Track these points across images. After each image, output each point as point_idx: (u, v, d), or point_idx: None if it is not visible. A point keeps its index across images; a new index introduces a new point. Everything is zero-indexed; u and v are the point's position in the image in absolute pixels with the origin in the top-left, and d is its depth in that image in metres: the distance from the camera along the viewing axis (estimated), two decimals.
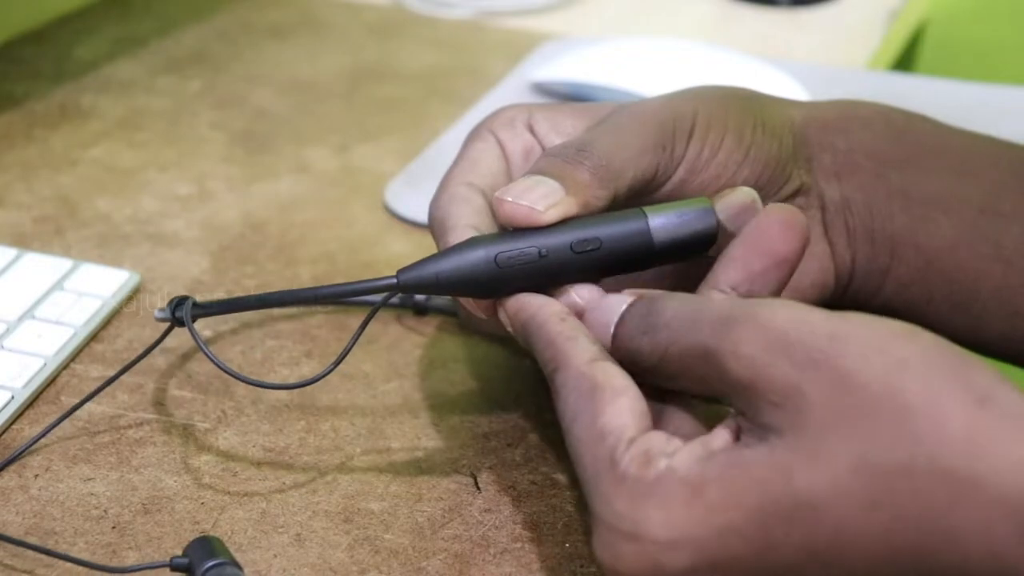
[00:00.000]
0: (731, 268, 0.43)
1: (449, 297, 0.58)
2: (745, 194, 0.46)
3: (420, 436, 0.51)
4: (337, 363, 0.46)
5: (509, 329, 0.44)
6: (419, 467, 0.49)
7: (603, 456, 0.38)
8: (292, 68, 0.87)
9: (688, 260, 0.45)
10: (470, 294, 0.44)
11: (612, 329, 0.42)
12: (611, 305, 0.42)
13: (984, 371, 0.35)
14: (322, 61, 0.89)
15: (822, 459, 0.35)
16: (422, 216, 0.65)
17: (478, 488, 0.48)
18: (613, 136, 0.46)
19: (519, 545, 0.46)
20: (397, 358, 0.56)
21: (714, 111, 0.48)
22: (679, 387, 0.40)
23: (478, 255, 0.43)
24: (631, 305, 0.42)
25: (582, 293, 0.43)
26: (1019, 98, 0.84)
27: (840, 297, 0.51)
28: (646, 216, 0.44)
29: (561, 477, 0.49)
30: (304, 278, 0.61)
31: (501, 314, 0.44)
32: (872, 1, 1.08)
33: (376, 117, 0.80)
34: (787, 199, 0.49)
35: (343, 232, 0.66)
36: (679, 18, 1.03)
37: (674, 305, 0.40)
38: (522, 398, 0.53)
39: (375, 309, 0.46)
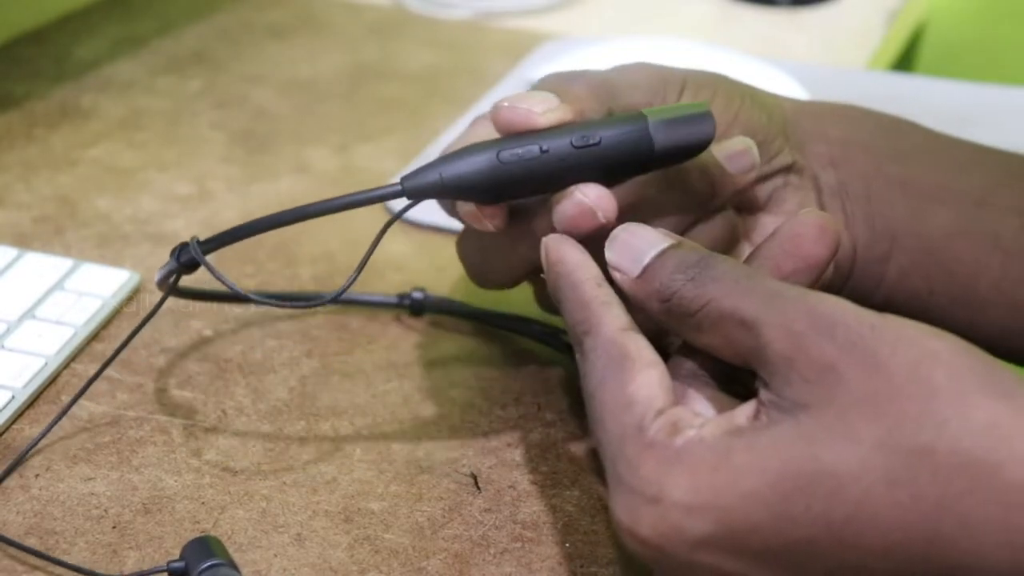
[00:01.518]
0: (762, 268, 0.44)
1: (450, 303, 0.58)
2: (741, 140, 0.48)
3: (420, 436, 0.51)
4: (359, 270, 0.44)
5: (543, 275, 0.44)
6: (419, 467, 0.49)
7: (631, 423, 0.38)
8: (292, 68, 0.87)
9: (685, 161, 0.45)
10: (475, 197, 0.44)
11: (647, 260, 0.41)
12: (650, 236, 0.42)
13: (1007, 371, 0.36)
14: (322, 61, 0.89)
15: (848, 434, 0.35)
16: (422, 216, 0.66)
17: (478, 488, 0.48)
18: (607, 71, 0.48)
19: (519, 545, 0.46)
20: (397, 358, 0.56)
21: (703, 79, 0.49)
22: (700, 342, 0.40)
23: (481, 155, 0.43)
24: (676, 246, 0.42)
25: (587, 192, 0.44)
26: (1019, 98, 0.84)
27: (842, 286, 0.51)
28: (645, 117, 0.44)
29: (561, 477, 0.49)
30: (304, 278, 0.61)
31: (543, 253, 0.43)
32: (872, 1, 1.08)
33: (376, 117, 0.80)
34: (777, 173, 0.50)
35: (343, 232, 0.66)
36: (679, 18, 1.03)
37: (727, 266, 0.40)
38: (522, 398, 0.53)
39: (391, 221, 0.45)
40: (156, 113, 0.79)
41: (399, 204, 0.67)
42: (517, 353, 0.56)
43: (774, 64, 0.83)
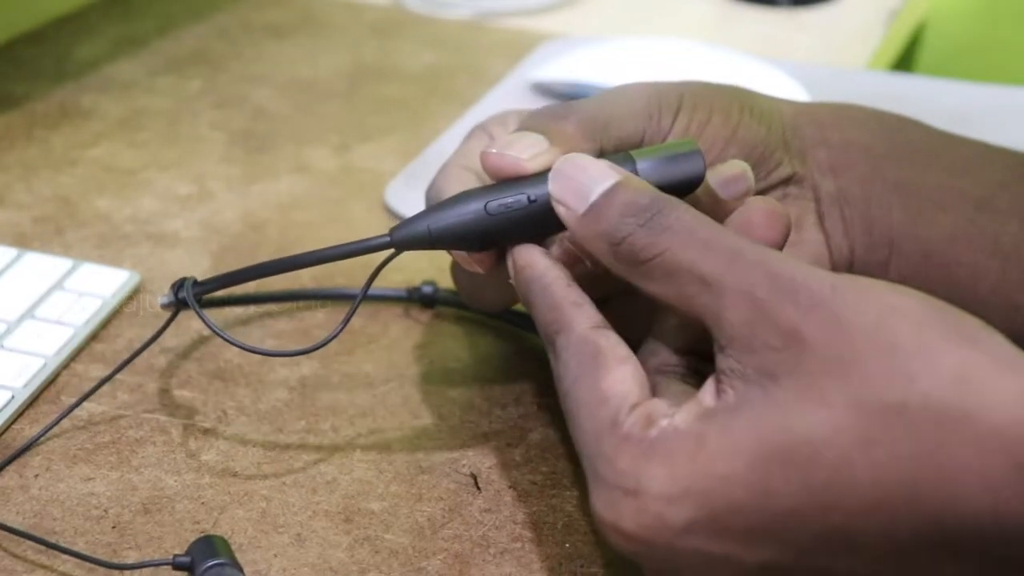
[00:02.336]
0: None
1: (453, 296, 0.58)
2: (736, 165, 0.47)
3: (420, 436, 0.51)
4: (344, 323, 0.45)
5: (511, 280, 0.44)
6: (419, 467, 0.49)
7: (605, 418, 0.38)
8: (292, 68, 0.87)
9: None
10: (464, 247, 0.44)
11: (593, 198, 0.41)
12: (595, 170, 0.41)
13: (971, 319, 0.36)
14: (322, 61, 0.89)
15: (818, 400, 0.35)
16: None
17: (478, 488, 0.48)
18: (599, 101, 0.47)
19: (519, 545, 0.46)
20: (397, 358, 0.56)
21: (701, 93, 0.49)
22: (647, 289, 0.40)
23: (468, 206, 0.44)
24: (624, 183, 0.41)
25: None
26: (1019, 98, 0.84)
27: None
28: (634, 159, 0.44)
29: (561, 477, 0.49)
30: (304, 278, 0.61)
31: (509, 261, 0.44)
32: (872, 1, 1.08)
33: (376, 117, 0.80)
34: (777, 185, 0.50)
35: (343, 232, 0.66)
36: (679, 18, 1.03)
37: (682, 213, 0.39)
38: (522, 398, 0.53)
39: (376, 271, 0.46)
40: (156, 113, 0.79)
41: (400, 203, 0.68)
42: (518, 353, 0.56)
43: (774, 64, 0.83)
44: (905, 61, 1.27)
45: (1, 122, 0.76)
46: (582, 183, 0.41)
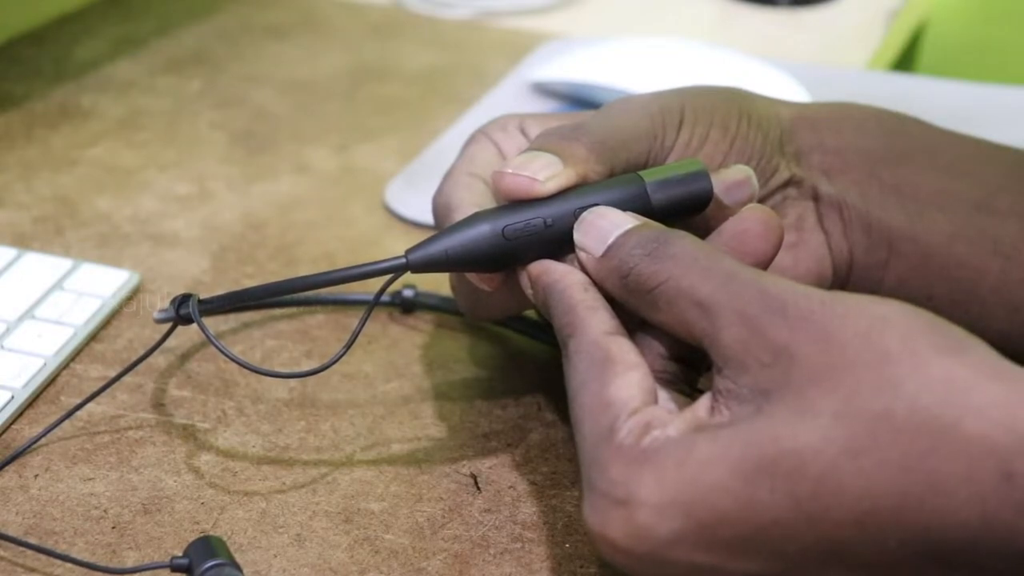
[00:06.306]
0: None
1: (440, 300, 0.58)
2: (739, 170, 0.47)
3: (420, 436, 0.51)
4: (348, 346, 0.45)
5: (528, 292, 0.44)
6: (419, 467, 0.49)
7: (604, 424, 0.38)
8: (292, 68, 0.87)
9: (686, 220, 0.46)
10: (479, 269, 0.45)
11: (611, 240, 0.42)
12: (616, 218, 0.43)
13: (958, 329, 0.36)
14: (322, 61, 0.89)
15: (806, 411, 0.35)
16: (422, 216, 0.66)
17: (478, 488, 0.48)
18: (606, 121, 0.47)
19: (519, 545, 0.46)
20: (397, 358, 0.56)
21: (700, 104, 0.49)
22: (655, 319, 0.40)
23: (484, 229, 0.44)
24: (640, 226, 0.42)
25: None
26: (1019, 98, 0.84)
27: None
28: (644, 181, 0.45)
29: (561, 477, 0.49)
30: None
31: (523, 278, 0.44)
32: (872, 1, 1.08)
33: (376, 117, 0.80)
34: (776, 190, 0.50)
35: (343, 232, 0.66)
36: (679, 18, 1.03)
37: (686, 243, 0.40)
38: (522, 398, 0.53)
39: (383, 289, 0.46)
40: (156, 113, 0.79)
41: (400, 203, 0.68)
42: (517, 353, 0.56)
43: (774, 64, 0.83)
44: (905, 61, 1.27)
45: (1, 122, 0.76)
46: (603, 228, 0.43)
